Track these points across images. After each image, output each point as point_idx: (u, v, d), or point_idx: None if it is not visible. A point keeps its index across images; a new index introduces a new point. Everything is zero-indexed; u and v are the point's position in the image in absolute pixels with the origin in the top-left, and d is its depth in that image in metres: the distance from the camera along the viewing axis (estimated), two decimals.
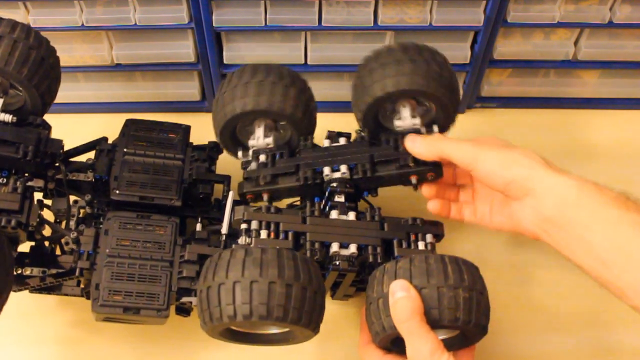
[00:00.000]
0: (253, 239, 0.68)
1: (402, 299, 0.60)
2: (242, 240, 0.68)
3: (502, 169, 0.66)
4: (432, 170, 0.72)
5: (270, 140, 0.76)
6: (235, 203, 0.75)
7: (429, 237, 0.71)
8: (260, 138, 0.76)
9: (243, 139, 0.78)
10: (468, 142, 0.69)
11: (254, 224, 0.69)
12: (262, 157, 0.75)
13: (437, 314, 0.60)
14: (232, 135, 0.77)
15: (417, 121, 0.74)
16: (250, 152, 0.76)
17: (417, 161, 0.72)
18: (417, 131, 0.74)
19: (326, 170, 0.72)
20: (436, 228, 0.71)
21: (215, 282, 0.60)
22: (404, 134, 0.73)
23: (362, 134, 0.75)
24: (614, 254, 0.59)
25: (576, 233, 0.62)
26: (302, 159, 0.74)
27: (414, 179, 0.73)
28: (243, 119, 0.74)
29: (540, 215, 0.64)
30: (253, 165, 0.75)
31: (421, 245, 0.70)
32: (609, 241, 0.60)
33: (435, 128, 0.74)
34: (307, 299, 0.61)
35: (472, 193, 0.76)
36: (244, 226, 0.69)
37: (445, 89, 0.72)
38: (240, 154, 0.78)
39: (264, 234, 0.68)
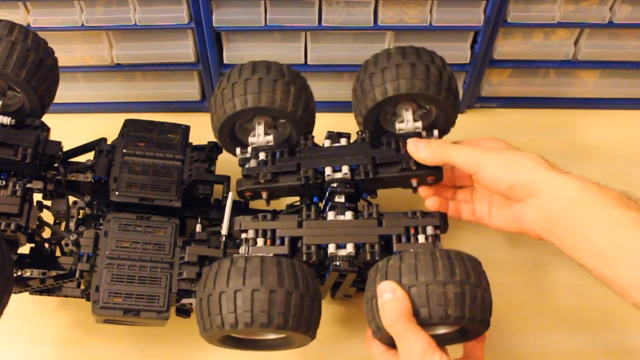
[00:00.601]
0: (250, 247, 0.68)
1: (388, 301, 0.60)
2: (242, 249, 0.68)
3: (506, 173, 0.66)
4: (433, 174, 0.72)
5: (270, 138, 0.75)
6: (235, 204, 0.75)
7: (430, 230, 0.68)
8: (260, 135, 0.75)
9: (241, 136, 0.78)
10: (470, 146, 0.69)
11: (251, 233, 0.69)
12: (262, 155, 0.74)
13: (426, 313, 0.59)
14: (231, 133, 0.76)
15: (419, 124, 0.74)
16: (250, 149, 0.76)
17: (418, 164, 0.72)
18: (418, 134, 0.74)
19: (328, 170, 0.72)
20: (436, 219, 0.69)
21: (215, 290, 0.61)
22: (405, 136, 0.73)
23: (363, 135, 0.75)
24: (614, 252, 0.59)
25: (578, 232, 0.62)
26: (303, 158, 0.73)
27: (414, 182, 0.73)
28: (243, 116, 0.74)
29: (544, 215, 0.64)
30: (252, 163, 0.74)
31: (421, 239, 0.68)
32: (609, 239, 0.60)
33: (436, 132, 0.75)
34: (305, 306, 0.61)
35: (471, 193, 0.77)
36: (244, 235, 0.69)
37: (445, 91, 0.72)
38: (238, 151, 0.77)
39: (260, 242, 0.68)
